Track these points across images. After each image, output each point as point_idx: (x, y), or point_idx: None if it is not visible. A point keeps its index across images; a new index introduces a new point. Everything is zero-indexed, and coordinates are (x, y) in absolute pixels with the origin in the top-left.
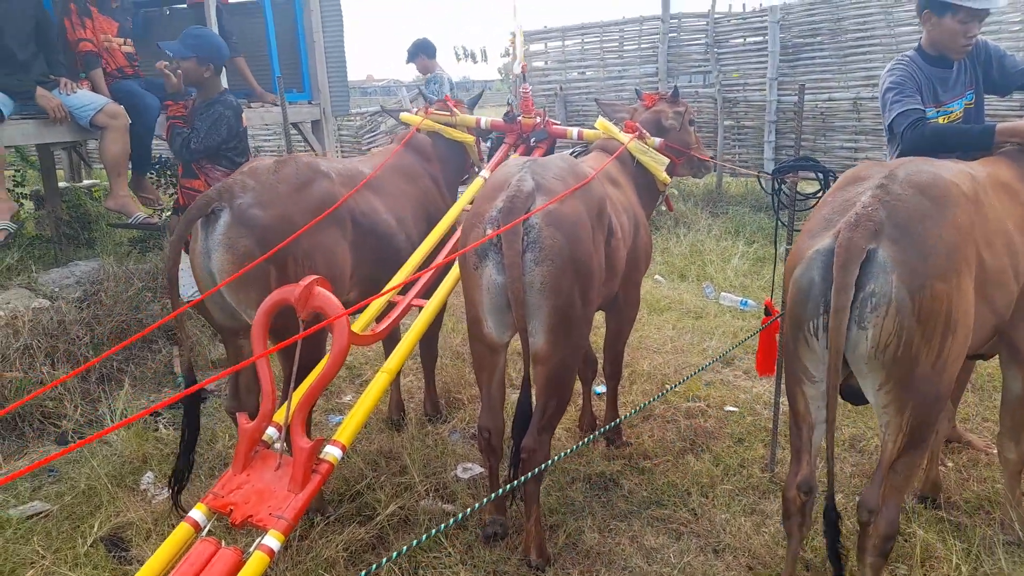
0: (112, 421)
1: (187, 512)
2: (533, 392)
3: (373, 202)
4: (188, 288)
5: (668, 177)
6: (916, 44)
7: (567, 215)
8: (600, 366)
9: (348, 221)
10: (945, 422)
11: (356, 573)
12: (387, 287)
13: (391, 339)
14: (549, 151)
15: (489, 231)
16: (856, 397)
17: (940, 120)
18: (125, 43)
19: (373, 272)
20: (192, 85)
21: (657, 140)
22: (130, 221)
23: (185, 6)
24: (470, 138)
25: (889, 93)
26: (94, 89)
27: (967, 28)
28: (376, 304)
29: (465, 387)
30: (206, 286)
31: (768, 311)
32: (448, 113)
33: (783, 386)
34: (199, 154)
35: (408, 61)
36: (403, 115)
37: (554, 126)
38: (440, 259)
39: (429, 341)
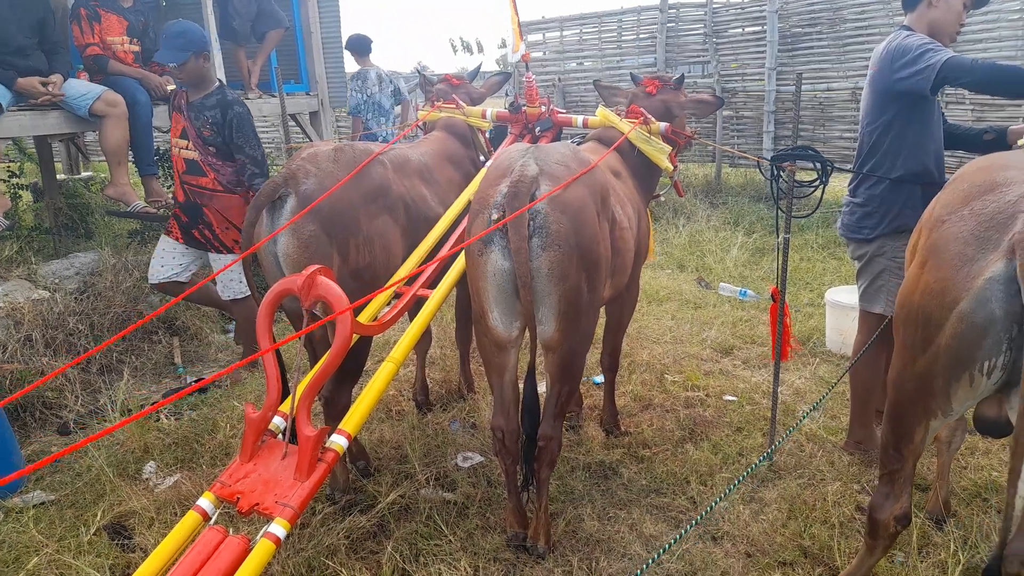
0: (112, 411)
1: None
2: (544, 382)
3: (422, 190)
4: (166, 270)
5: (671, 165)
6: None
7: (572, 200)
8: (598, 357)
9: (401, 208)
10: (961, 432)
11: (357, 560)
12: (392, 279)
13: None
14: (555, 140)
15: (495, 216)
16: (995, 429)
17: None
18: (132, 42)
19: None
20: (196, 82)
21: (663, 125)
22: (129, 209)
23: None
24: (487, 124)
25: (923, 46)
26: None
27: (965, 14)
28: (384, 294)
29: None
30: (270, 268)
31: (774, 298)
32: (454, 106)
33: (781, 375)
34: (263, 165)
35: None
36: (421, 113)
37: (559, 114)
38: (446, 248)
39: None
